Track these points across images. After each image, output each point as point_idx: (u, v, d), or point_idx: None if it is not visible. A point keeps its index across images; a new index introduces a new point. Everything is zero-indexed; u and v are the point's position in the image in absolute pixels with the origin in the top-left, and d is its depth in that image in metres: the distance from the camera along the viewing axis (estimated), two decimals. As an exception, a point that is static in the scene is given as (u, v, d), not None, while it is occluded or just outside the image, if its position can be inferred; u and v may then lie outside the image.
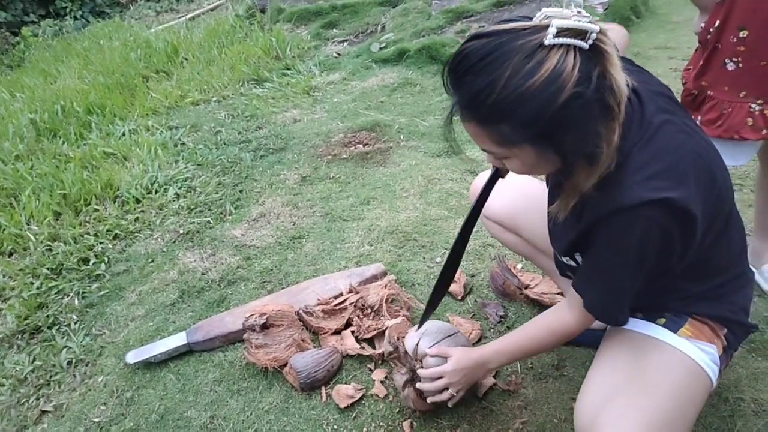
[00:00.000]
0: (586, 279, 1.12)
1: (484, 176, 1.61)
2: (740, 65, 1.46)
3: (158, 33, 6.68)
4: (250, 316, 1.74)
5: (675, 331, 1.14)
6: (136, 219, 2.59)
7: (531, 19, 0.92)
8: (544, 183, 1.36)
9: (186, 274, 2.18)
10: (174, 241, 2.41)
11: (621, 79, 0.91)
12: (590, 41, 0.88)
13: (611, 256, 1.04)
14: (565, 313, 1.21)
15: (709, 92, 1.55)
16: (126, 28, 7.12)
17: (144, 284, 2.17)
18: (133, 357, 1.76)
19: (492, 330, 1.78)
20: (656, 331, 1.15)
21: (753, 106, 1.47)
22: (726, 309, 1.17)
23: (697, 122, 1.57)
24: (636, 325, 1.17)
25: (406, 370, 1.46)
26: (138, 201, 2.72)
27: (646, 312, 1.18)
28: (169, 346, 1.77)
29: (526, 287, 1.89)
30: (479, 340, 1.74)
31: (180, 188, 2.80)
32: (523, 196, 1.53)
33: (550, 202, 1.24)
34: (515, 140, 0.95)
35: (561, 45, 0.87)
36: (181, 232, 2.46)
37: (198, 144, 3.29)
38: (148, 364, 1.77)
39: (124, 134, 3.54)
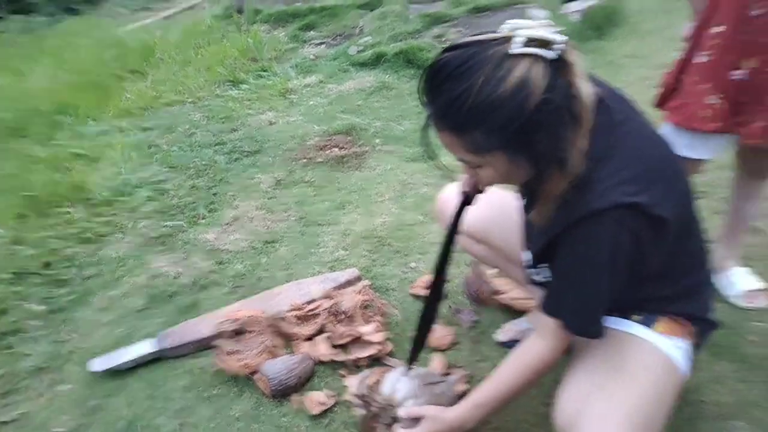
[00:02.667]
0: (559, 296, 1.12)
1: (451, 191, 1.63)
2: (711, 58, 1.50)
3: (132, 32, 6.59)
4: (222, 322, 1.72)
5: (649, 327, 1.16)
6: (107, 222, 2.54)
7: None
8: (515, 194, 1.38)
9: (157, 279, 2.15)
10: (145, 245, 2.37)
11: (586, 87, 0.95)
12: (556, 51, 0.91)
13: (584, 266, 1.05)
14: (537, 345, 1.18)
15: (682, 83, 1.60)
16: (98, 26, 7.01)
17: (114, 289, 2.13)
18: (98, 365, 1.72)
19: (465, 336, 1.79)
20: (632, 327, 1.17)
21: (713, 99, 1.51)
22: (695, 307, 1.21)
23: (665, 111, 1.63)
24: (612, 322, 1.19)
25: (376, 415, 1.38)
26: (109, 203, 2.68)
27: (621, 311, 1.20)
28: (137, 353, 1.74)
29: (499, 293, 1.90)
30: (452, 346, 1.75)
31: (153, 191, 2.76)
32: (494, 208, 1.54)
33: (526, 212, 1.26)
34: (488, 147, 0.97)
35: (528, 54, 0.91)
36: (153, 235, 2.42)
37: (172, 146, 3.25)
38: (115, 372, 1.74)
39: (96, 135, 3.48)
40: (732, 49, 1.46)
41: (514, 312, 1.84)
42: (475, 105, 0.92)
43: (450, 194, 1.67)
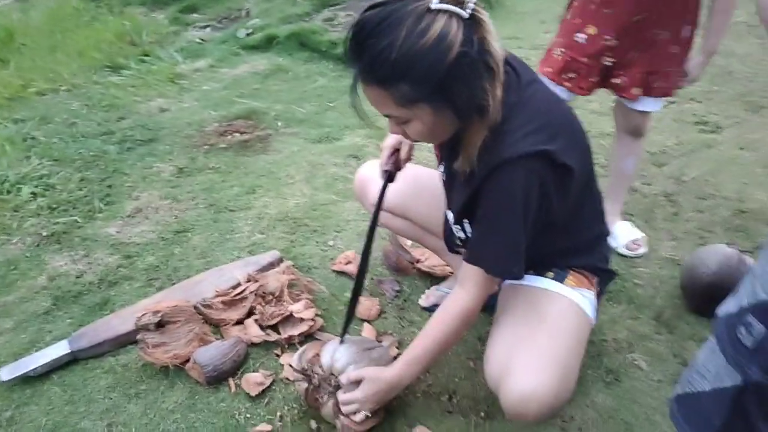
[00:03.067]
0: (481, 243, 1.21)
1: (368, 170, 1.69)
2: (567, 18, 1.82)
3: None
4: (143, 315, 1.65)
5: (561, 282, 1.31)
6: (-13, 223, 2.30)
7: None
8: (432, 170, 1.47)
9: (57, 279, 1.99)
10: (38, 245, 2.18)
11: (497, 44, 1.05)
12: (468, 10, 1.01)
13: (500, 210, 1.14)
14: (460, 297, 1.25)
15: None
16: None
17: (8, 294, 1.94)
18: (7, 373, 1.58)
19: (390, 305, 1.86)
20: (546, 283, 1.31)
21: (558, 51, 1.82)
22: (596, 260, 1.37)
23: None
24: (529, 280, 1.32)
25: (318, 386, 1.41)
26: (-14, 203, 2.41)
27: (536, 269, 1.33)
28: (49, 357, 1.62)
29: (418, 261, 2.00)
30: (379, 316, 1.82)
31: (36, 187, 2.52)
32: (409, 183, 1.62)
33: (448, 172, 1.34)
34: (414, 98, 1.05)
35: (445, 11, 0.99)
36: (45, 234, 2.23)
37: (51, 137, 2.98)
38: (27, 379, 1.61)
39: (-44, 129, 3.09)
40: (581, 14, 1.75)
41: (433, 278, 1.95)
42: (400, 56, 0.99)
43: (367, 173, 1.73)
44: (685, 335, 1.68)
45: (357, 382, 1.33)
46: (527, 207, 1.12)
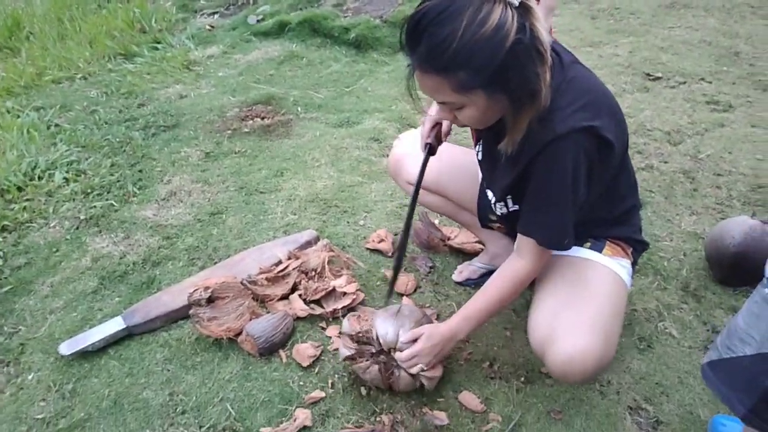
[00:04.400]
0: (533, 216, 1.28)
1: (403, 149, 1.76)
2: None
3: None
4: (194, 291, 1.72)
5: (600, 252, 1.38)
6: (24, 208, 2.34)
7: None
8: (466, 149, 1.52)
9: (101, 260, 2.05)
10: (77, 228, 2.24)
11: (544, 30, 1.09)
12: None
13: (553, 185, 1.20)
14: (517, 261, 1.34)
15: None
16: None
17: (54, 275, 2.00)
18: (67, 348, 1.65)
19: (424, 280, 1.94)
20: (585, 253, 1.39)
21: None
22: (631, 231, 1.45)
23: None
24: (567, 251, 1.39)
25: (374, 357, 1.48)
26: (20, 189, 2.46)
27: (575, 239, 1.41)
28: (106, 333, 1.69)
29: (448, 239, 2.07)
30: (415, 290, 1.89)
31: (67, 172, 2.57)
32: (446, 161, 1.69)
33: (487, 152, 1.41)
34: (471, 86, 1.09)
35: (500, 0, 1.03)
36: (83, 217, 2.28)
37: (75, 125, 3.02)
38: (84, 354, 1.67)
39: (-22, 118, 3.13)
40: None
41: (464, 255, 2.03)
42: (460, 46, 1.02)
43: (402, 150, 1.79)
44: (713, 304, 1.76)
45: (414, 341, 1.42)
46: (576, 181, 1.18)
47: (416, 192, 1.52)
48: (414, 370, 1.41)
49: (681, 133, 2.74)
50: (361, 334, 1.49)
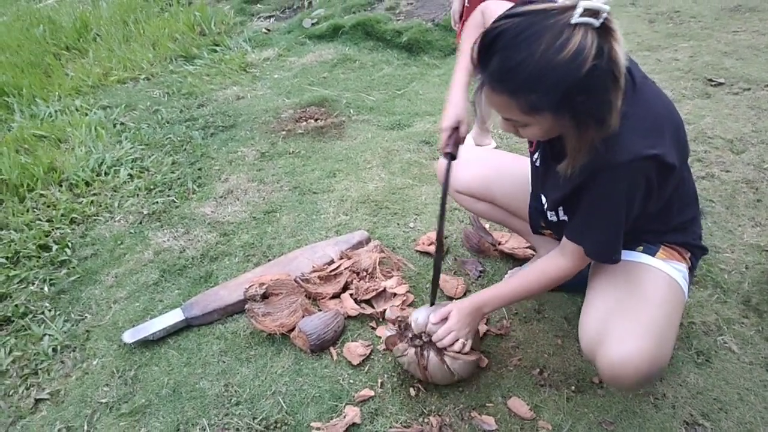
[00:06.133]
0: (584, 227, 1.28)
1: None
2: None
3: (56, 6, 6.17)
4: (250, 286, 1.78)
5: (653, 255, 1.35)
6: (91, 202, 2.48)
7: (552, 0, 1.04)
8: (515, 155, 1.51)
9: (162, 254, 2.15)
10: (140, 222, 2.35)
11: (622, 53, 1.04)
12: (601, 20, 1.00)
13: (606, 203, 1.20)
14: (559, 259, 1.35)
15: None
16: (7, 1, 6.50)
17: (118, 267, 2.11)
18: (130, 336, 1.74)
19: (474, 284, 1.94)
20: (638, 256, 1.37)
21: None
22: (690, 237, 1.41)
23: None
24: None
25: (410, 341, 1.51)
26: (88, 184, 2.60)
27: (627, 244, 1.38)
28: (167, 323, 1.77)
29: (499, 243, 2.07)
30: (464, 294, 1.89)
31: (132, 169, 2.70)
32: (491, 168, 1.69)
33: (543, 163, 1.40)
34: (541, 108, 1.07)
35: (582, 24, 0.99)
36: (146, 212, 2.39)
37: (140, 123, 3.17)
38: (145, 343, 1.76)
39: (50, 115, 3.32)
40: None
41: (515, 259, 2.01)
42: (536, 70, 1.00)
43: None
44: (776, 319, 1.70)
45: (444, 319, 1.45)
46: (631, 202, 1.18)
47: (443, 198, 1.53)
48: (456, 347, 1.43)
49: (744, 142, 2.63)
50: (401, 319, 1.54)
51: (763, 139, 2.64)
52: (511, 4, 1.14)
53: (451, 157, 1.52)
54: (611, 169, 1.13)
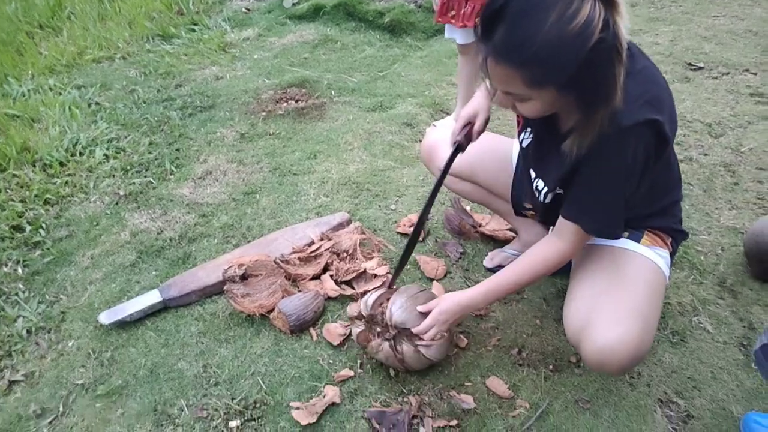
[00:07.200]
0: (582, 203, 1.25)
1: (436, 137, 1.75)
2: None
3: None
4: (229, 267, 1.76)
5: (638, 241, 1.36)
6: (66, 183, 2.42)
7: None
8: (499, 135, 1.49)
9: (139, 235, 2.11)
10: (116, 203, 2.30)
11: (625, 25, 1.01)
12: None
13: (609, 174, 1.17)
14: (555, 244, 1.32)
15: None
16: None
17: (94, 248, 2.07)
18: (106, 317, 1.71)
19: (454, 265, 1.94)
20: (623, 242, 1.37)
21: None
22: (671, 221, 1.42)
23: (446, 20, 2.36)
24: (605, 240, 1.37)
25: (381, 335, 1.49)
26: (62, 164, 2.54)
27: None
28: (144, 304, 1.74)
29: (480, 225, 2.07)
30: (444, 276, 1.90)
31: (107, 149, 2.64)
32: (478, 149, 1.67)
33: (536, 143, 1.39)
34: (545, 82, 1.04)
35: None
36: (122, 193, 2.35)
37: (115, 103, 3.09)
38: (122, 324, 1.73)
39: (23, 94, 3.22)
40: None
41: (495, 241, 2.02)
42: (545, 42, 0.96)
43: (436, 137, 1.79)
44: (750, 300, 1.72)
45: (427, 313, 1.42)
46: (632, 175, 1.16)
47: (437, 186, 1.51)
48: (427, 336, 1.41)
49: (723, 126, 2.66)
50: (368, 315, 1.51)
51: (741, 123, 2.68)
52: None
53: (459, 147, 1.48)
54: (614, 134, 1.10)
